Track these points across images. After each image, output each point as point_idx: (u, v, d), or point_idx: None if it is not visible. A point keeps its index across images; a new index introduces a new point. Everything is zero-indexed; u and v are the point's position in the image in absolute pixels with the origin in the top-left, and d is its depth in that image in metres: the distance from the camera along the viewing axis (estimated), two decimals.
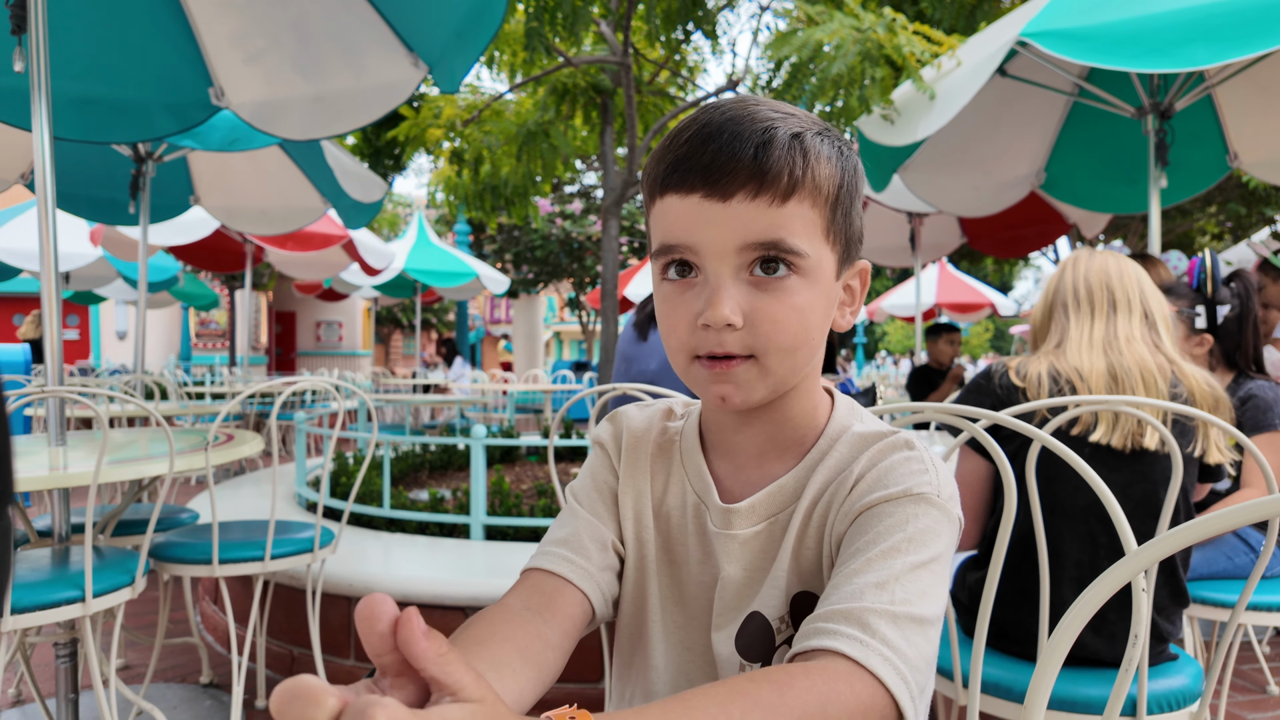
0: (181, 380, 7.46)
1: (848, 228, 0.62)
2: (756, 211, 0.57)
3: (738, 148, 0.57)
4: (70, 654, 1.92)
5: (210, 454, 1.94)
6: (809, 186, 0.58)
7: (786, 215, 0.58)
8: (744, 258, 0.59)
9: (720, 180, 0.57)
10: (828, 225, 0.60)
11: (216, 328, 15.33)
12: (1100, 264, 1.48)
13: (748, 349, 0.59)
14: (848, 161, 0.62)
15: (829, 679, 0.47)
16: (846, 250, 0.63)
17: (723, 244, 0.58)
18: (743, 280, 0.59)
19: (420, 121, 4.72)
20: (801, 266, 0.59)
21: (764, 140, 0.57)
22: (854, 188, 0.62)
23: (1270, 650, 2.73)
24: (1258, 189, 6.03)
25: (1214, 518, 0.51)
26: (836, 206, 0.61)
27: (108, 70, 2.89)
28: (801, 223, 0.58)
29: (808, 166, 0.58)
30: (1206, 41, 2.19)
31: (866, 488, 0.60)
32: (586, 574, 0.67)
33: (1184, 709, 1.26)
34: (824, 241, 0.60)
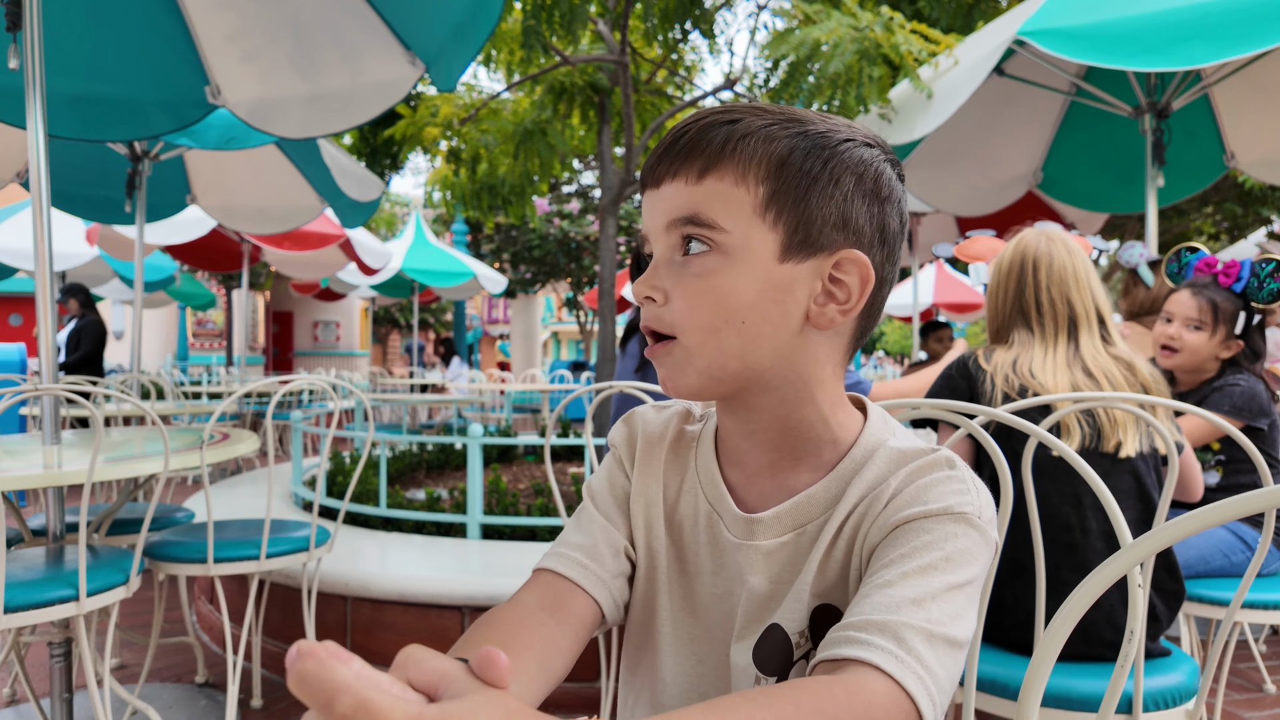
0: (178, 380, 7.45)
1: (804, 209, 0.59)
2: (675, 190, 0.60)
3: (667, 141, 0.61)
4: (65, 653, 1.92)
5: (205, 453, 1.93)
6: (729, 163, 0.59)
7: (703, 192, 0.59)
8: (671, 237, 0.61)
9: (653, 170, 0.62)
10: (763, 203, 0.58)
11: (213, 327, 15.30)
12: (1059, 274, 1.49)
13: (667, 327, 0.61)
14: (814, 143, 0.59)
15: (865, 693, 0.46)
16: (804, 234, 0.59)
17: (655, 226, 0.62)
18: (675, 261, 0.61)
19: (417, 120, 4.72)
20: (722, 244, 0.59)
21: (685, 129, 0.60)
22: (816, 168, 0.59)
23: (1267, 649, 2.73)
24: (1254, 189, 6.04)
25: (1210, 510, 0.50)
26: (778, 184, 0.58)
27: (103, 68, 2.88)
28: (721, 200, 0.59)
29: (729, 144, 0.59)
30: (1203, 40, 2.20)
31: (904, 502, 0.58)
32: (599, 580, 0.66)
33: (1180, 706, 1.25)
34: (756, 219, 0.59)
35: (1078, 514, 1.37)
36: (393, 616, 2.40)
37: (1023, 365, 1.45)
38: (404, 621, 2.39)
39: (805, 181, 0.59)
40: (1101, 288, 1.50)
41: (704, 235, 0.59)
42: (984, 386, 1.46)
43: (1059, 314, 1.47)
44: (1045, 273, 1.49)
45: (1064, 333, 1.47)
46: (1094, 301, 1.48)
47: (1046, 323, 1.48)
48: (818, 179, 0.59)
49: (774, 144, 0.59)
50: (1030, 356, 1.46)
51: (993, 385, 1.44)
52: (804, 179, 0.59)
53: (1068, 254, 1.50)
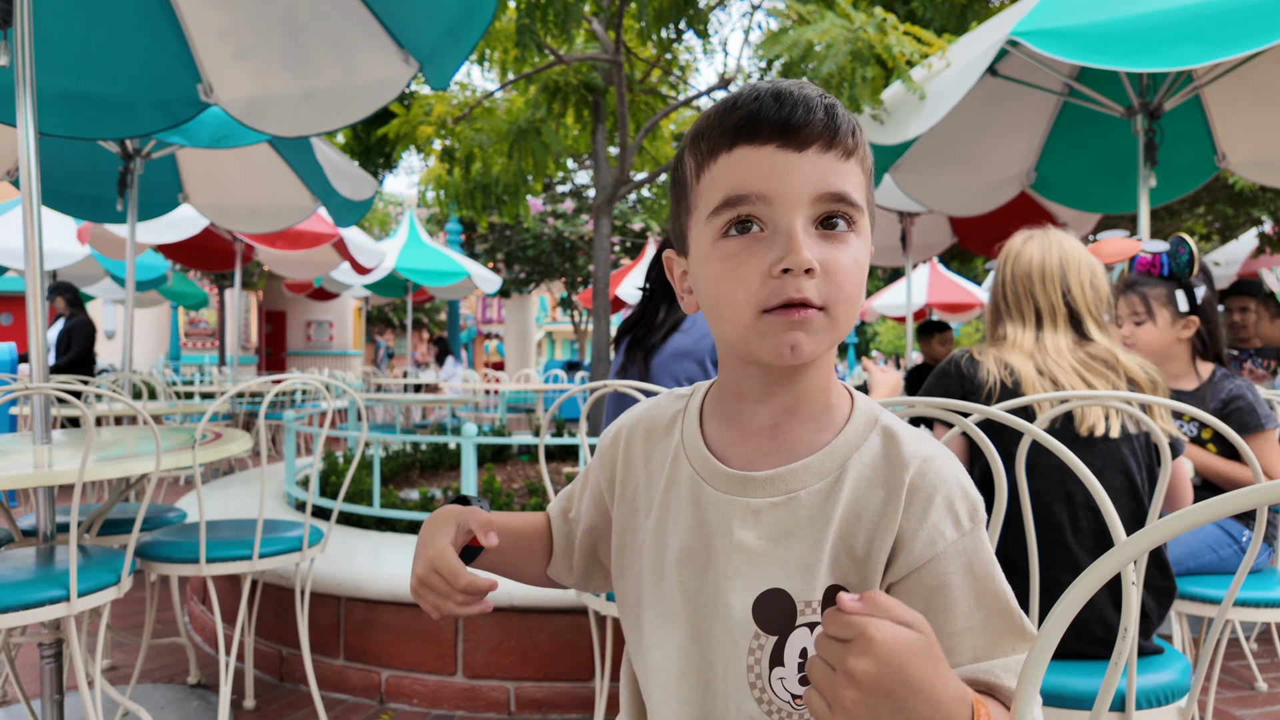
0: (170, 380, 7.41)
1: (871, 201, 0.67)
2: (828, 163, 0.62)
3: (812, 106, 0.62)
4: (55, 654, 1.91)
5: (197, 452, 1.92)
6: (860, 152, 0.64)
7: (849, 171, 0.63)
8: (815, 208, 0.62)
9: (798, 132, 0.61)
10: (869, 193, 0.66)
11: (206, 327, 15.23)
12: (1025, 266, 1.53)
13: (823, 299, 0.62)
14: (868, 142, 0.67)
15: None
16: (872, 222, 0.67)
17: (797, 192, 0.61)
18: (812, 234, 0.62)
19: (411, 119, 4.70)
20: (858, 223, 0.64)
21: (830, 104, 0.63)
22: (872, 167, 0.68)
23: (1258, 647, 2.75)
24: (1244, 190, 6.07)
25: (1203, 506, 0.50)
26: (870, 179, 0.66)
27: (94, 65, 2.86)
28: (858, 182, 0.64)
29: (859, 134, 0.64)
30: (1195, 41, 2.21)
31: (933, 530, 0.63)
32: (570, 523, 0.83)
33: (1172, 704, 1.26)
34: (867, 205, 0.65)
35: (1069, 512, 1.37)
36: (386, 617, 2.40)
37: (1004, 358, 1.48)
38: (397, 622, 2.39)
39: (870, 176, 0.67)
40: (1087, 286, 1.51)
41: (851, 215, 0.63)
42: (981, 378, 1.47)
43: (1024, 310, 1.51)
44: (1012, 269, 1.54)
45: (1030, 327, 1.50)
46: (1065, 298, 1.50)
47: (1015, 317, 1.52)
48: (873, 175, 0.68)
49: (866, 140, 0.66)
50: (1009, 349, 1.50)
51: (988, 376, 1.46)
52: (871, 174, 0.67)
53: (1042, 250, 1.53)
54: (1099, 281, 1.53)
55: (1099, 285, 1.52)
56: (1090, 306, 1.50)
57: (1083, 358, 1.44)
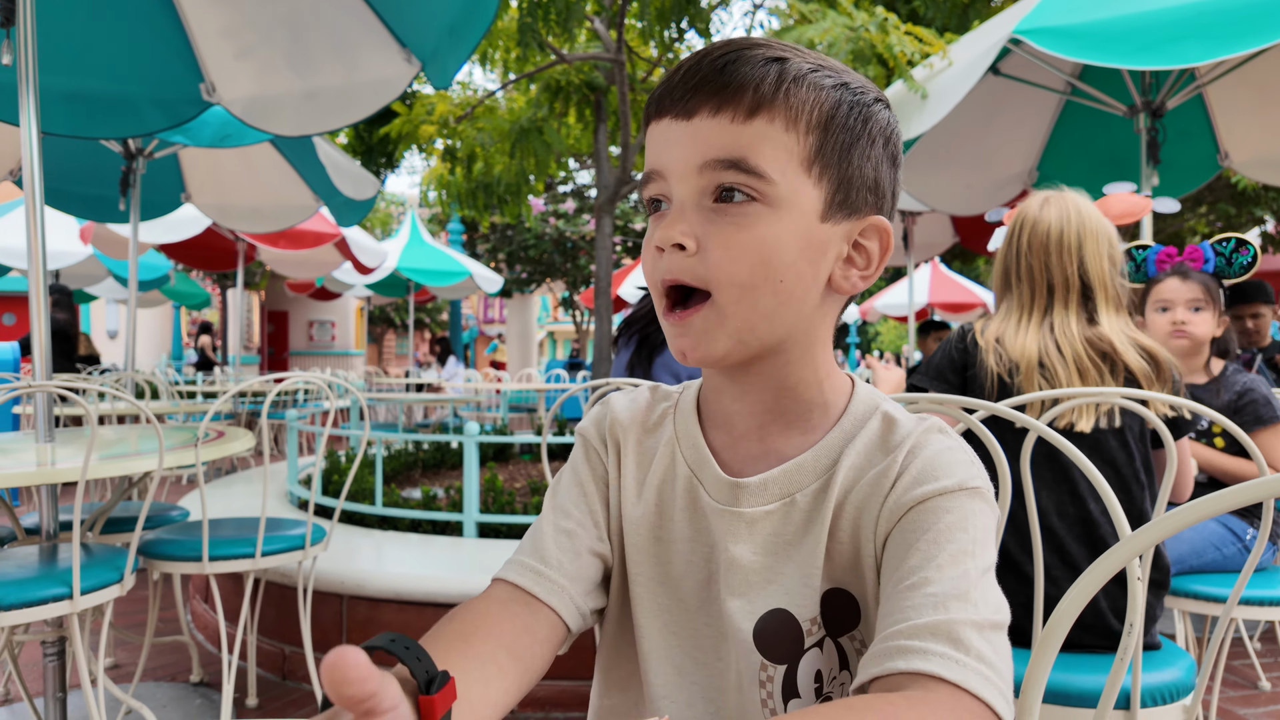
0: (172, 379, 7.42)
1: (845, 166, 0.56)
2: (718, 128, 0.54)
3: (704, 65, 0.55)
4: (58, 652, 1.91)
5: (200, 450, 1.92)
6: (781, 106, 0.54)
7: (752, 133, 0.54)
8: (706, 179, 0.55)
9: (685, 98, 0.55)
10: (810, 155, 0.55)
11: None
12: (1042, 235, 1.42)
13: (700, 280, 0.55)
14: (853, 95, 0.56)
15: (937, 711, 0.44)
16: (844, 194, 0.56)
17: (684, 163, 0.55)
18: (705, 207, 0.55)
19: (413, 118, 4.71)
20: (768, 194, 0.54)
21: (732, 59, 0.54)
22: (860, 125, 0.56)
23: (1262, 646, 2.74)
24: (1247, 189, 6.07)
25: (1209, 500, 0.50)
26: (826, 135, 0.55)
27: (97, 64, 2.87)
28: (770, 145, 0.54)
29: (781, 85, 0.54)
30: (1198, 39, 2.20)
31: (913, 479, 0.55)
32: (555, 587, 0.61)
33: (1177, 702, 1.26)
34: (802, 172, 0.55)
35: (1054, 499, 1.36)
36: (389, 615, 2.40)
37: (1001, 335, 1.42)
38: (400, 620, 2.39)
39: (850, 139, 0.56)
40: (1104, 257, 1.41)
41: (749, 184, 0.54)
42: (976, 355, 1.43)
43: (1036, 282, 1.42)
44: (1028, 238, 1.44)
45: (1040, 302, 1.42)
46: (1080, 270, 1.40)
47: (1024, 289, 1.44)
48: (859, 137, 0.56)
49: (823, 93, 0.55)
50: (1006, 327, 1.43)
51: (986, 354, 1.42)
52: (849, 136, 0.56)
53: (1060, 216, 1.43)
54: (1115, 251, 1.43)
55: (1115, 256, 1.42)
56: (1105, 280, 1.40)
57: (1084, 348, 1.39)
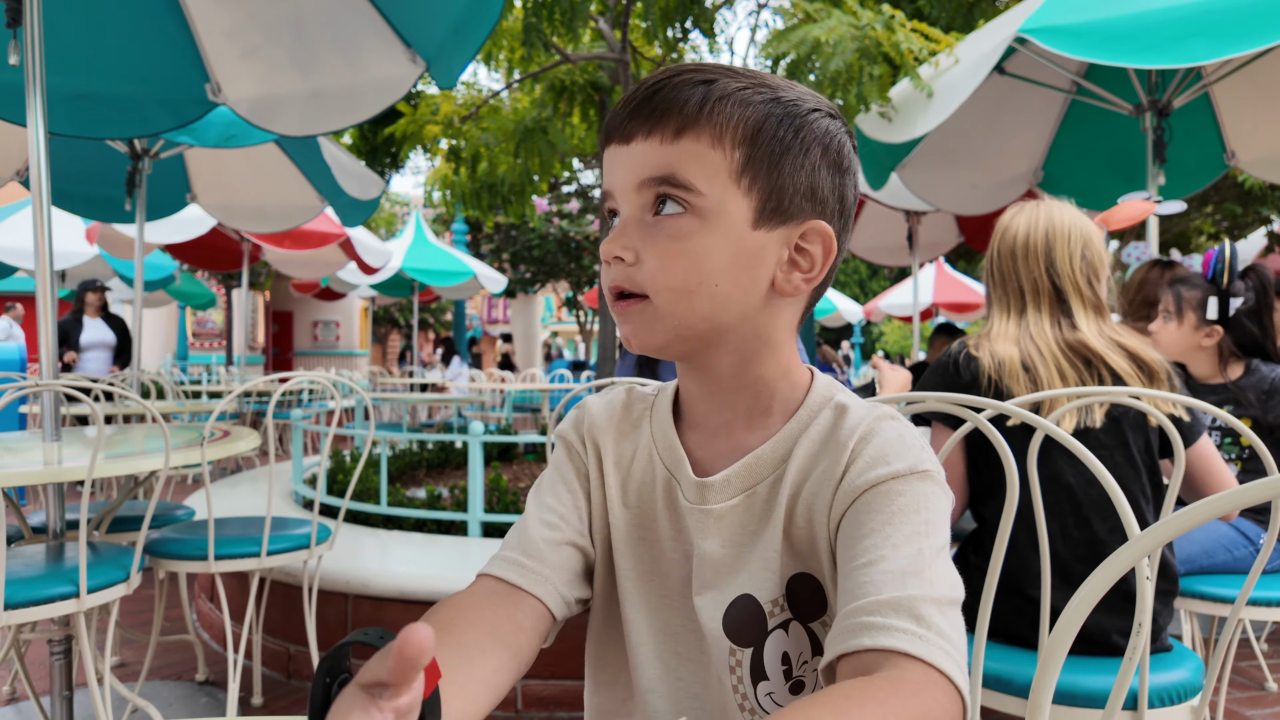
0: (178, 379, 7.44)
1: (776, 176, 0.59)
2: (650, 149, 0.59)
3: (639, 94, 0.60)
4: (65, 651, 1.91)
5: (206, 450, 1.93)
6: (706, 125, 0.58)
7: (679, 151, 0.58)
8: (643, 196, 0.60)
9: (624, 125, 0.60)
10: (739, 167, 0.59)
11: (214, 327, 15.29)
12: (1009, 241, 1.46)
13: (639, 286, 0.60)
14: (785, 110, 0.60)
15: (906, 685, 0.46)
16: (775, 202, 0.60)
17: (625, 183, 0.61)
18: (645, 221, 0.60)
19: (418, 118, 4.71)
20: (698, 206, 0.58)
21: (662, 85, 0.59)
22: (789, 136, 0.59)
23: (1268, 647, 2.73)
24: (1254, 189, 6.04)
25: (1213, 500, 0.50)
26: (753, 148, 0.59)
27: (103, 65, 2.88)
28: (698, 162, 0.58)
29: (706, 106, 0.58)
30: (1205, 37, 2.19)
31: (867, 464, 0.58)
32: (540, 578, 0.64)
33: (1185, 703, 1.25)
34: (731, 184, 0.59)
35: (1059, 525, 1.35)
36: (393, 614, 2.40)
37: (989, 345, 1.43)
38: (405, 619, 2.38)
39: (779, 149, 0.59)
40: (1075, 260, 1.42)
41: (680, 196, 0.58)
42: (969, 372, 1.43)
43: (1009, 288, 1.45)
44: (998, 245, 1.48)
45: (1014, 308, 1.44)
46: (1049, 275, 1.42)
47: (1000, 296, 1.47)
48: (790, 148, 0.60)
49: (750, 109, 0.59)
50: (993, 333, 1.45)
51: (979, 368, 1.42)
52: (778, 146, 0.59)
53: (1029, 224, 1.45)
54: (1092, 253, 1.43)
55: (1091, 257, 1.43)
56: (1078, 282, 1.42)
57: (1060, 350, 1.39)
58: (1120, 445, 1.37)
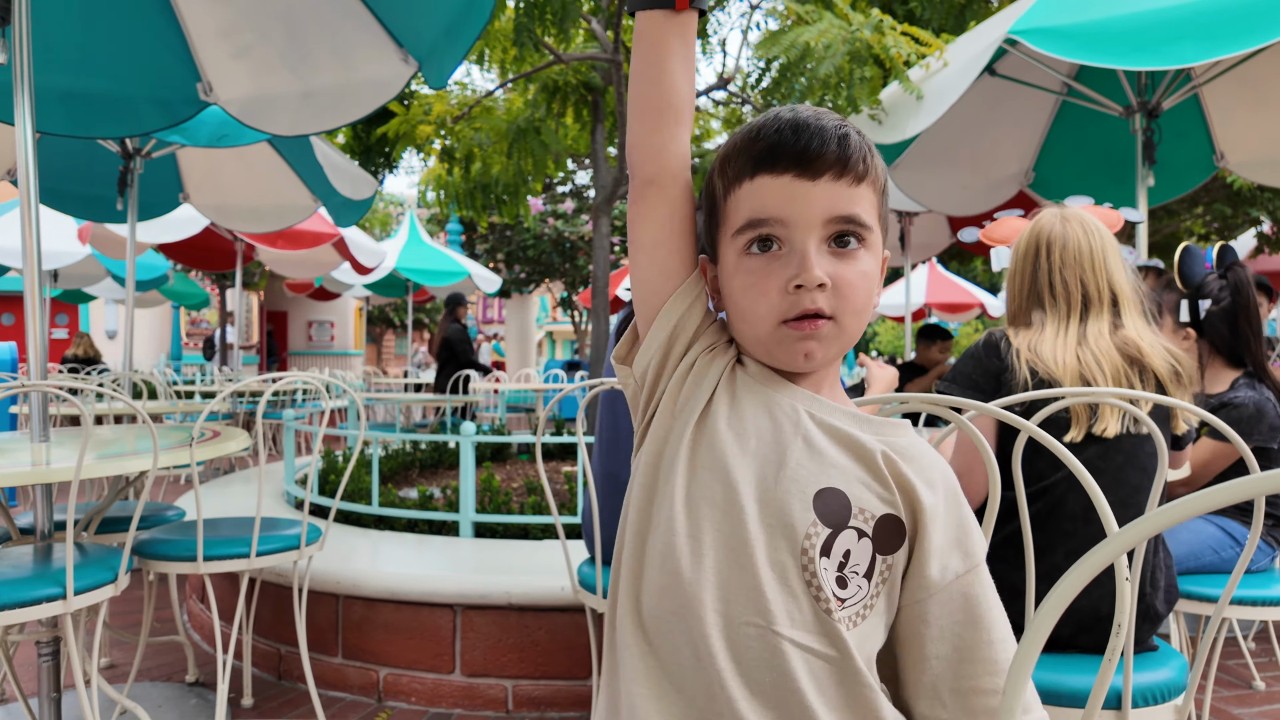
0: (171, 380, 7.41)
1: (887, 218, 0.76)
2: (839, 190, 0.70)
3: (826, 138, 0.69)
4: (53, 652, 1.91)
5: (195, 450, 1.92)
6: (871, 175, 0.72)
7: (859, 195, 0.71)
8: (827, 230, 0.70)
9: (812, 163, 0.69)
10: (881, 210, 0.74)
11: (207, 327, 15.23)
12: (1074, 253, 1.48)
13: (831, 309, 0.70)
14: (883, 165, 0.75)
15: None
16: (886, 238, 0.76)
17: (811, 216, 0.69)
18: (824, 252, 0.70)
19: (410, 118, 4.70)
20: (868, 240, 0.72)
21: (843, 134, 0.70)
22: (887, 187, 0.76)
23: (1256, 646, 2.75)
24: (1243, 190, 6.07)
25: (1198, 497, 0.50)
26: (884, 196, 0.75)
27: (93, 64, 2.87)
28: (868, 204, 0.71)
29: (871, 159, 0.72)
30: (1194, 39, 2.20)
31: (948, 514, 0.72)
32: None
33: (1169, 702, 1.26)
34: (879, 223, 0.74)
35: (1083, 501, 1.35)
36: (384, 615, 2.40)
37: (1035, 347, 1.45)
38: (396, 619, 2.39)
39: (887, 198, 0.76)
40: (1121, 266, 1.48)
41: (860, 234, 0.71)
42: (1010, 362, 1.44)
43: (1072, 296, 1.47)
44: (1059, 255, 1.48)
45: (1075, 315, 1.46)
46: (1109, 282, 1.47)
47: (1060, 304, 1.48)
48: (887, 195, 0.76)
49: (878, 162, 0.73)
50: (1042, 338, 1.46)
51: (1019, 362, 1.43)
52: (887, 196, 0.76)
53: (1084, 233, 1.49)
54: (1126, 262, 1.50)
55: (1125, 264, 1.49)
56: (1130, 290, 1.47)
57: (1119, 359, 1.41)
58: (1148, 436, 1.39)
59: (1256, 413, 1.96)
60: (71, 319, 13.23)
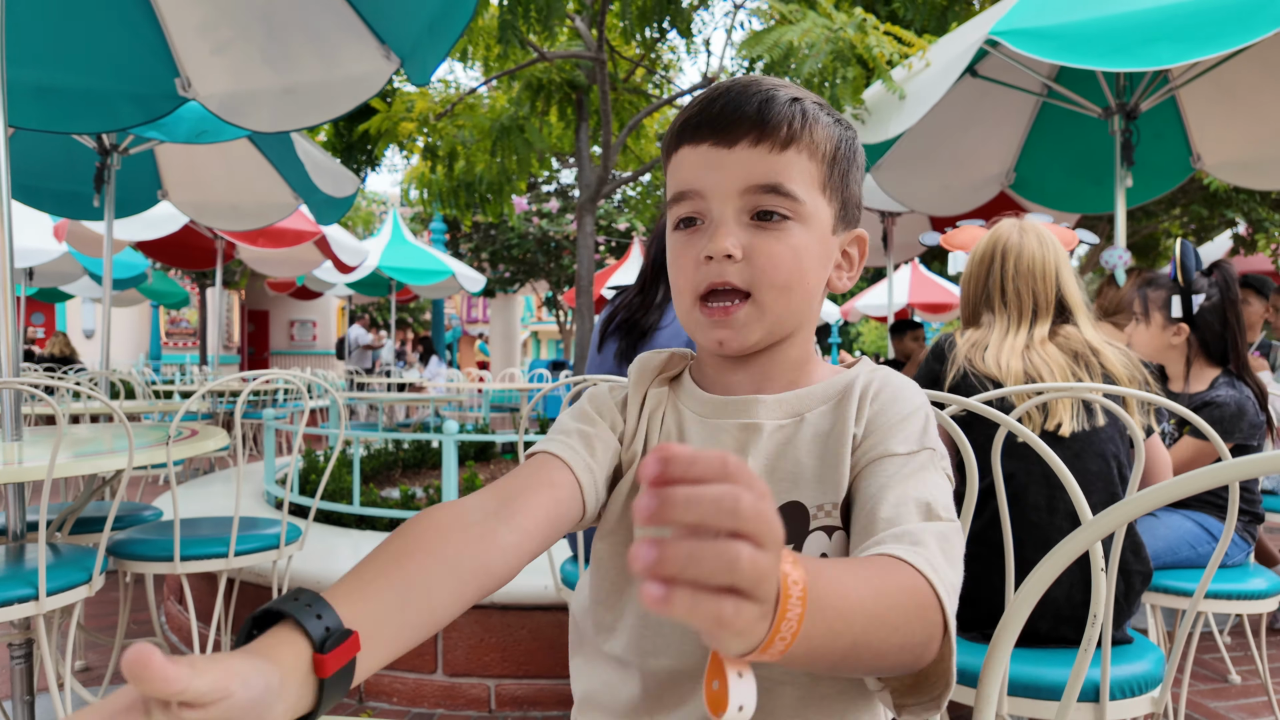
0: (149, 379, 7.32)
1: (845, 189, 0.69)
2: (758, 157, 0.64)
3: (743, 103, 0.65)
4: (25, 655, 1.87)
5: (172, 449, 1.90)
6: (806, 141, 0.65)
7: (785, 162, 0.64)
8: (746, 200, 0.65)
9: (727, 129, 0.64)
10: (824, 180, 0.67)
11: (187, 326, 15.07)
12: (1028, 263, 1.54)
13: (746, 284, 0.65)
14: (845, 131, 0.69)
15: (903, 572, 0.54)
16: (844, 211, 0.69)
17: (727, 186, 0.65)
18: (744, 223, 0.65)
19: (393, 115, 4.67)
20: (798, 212, 0.65)
21: (766, 98, 0.65)
22: (851, 155, 0.69)
23: (1231, 640, 2.78)
24: (1218, 191, 6.16)
25: (1172, 484, 0.51)
26: (834, 165, 0.67)
27: (69, 58, 2.82)
28: (799, 171, 0.65)
29: (805, 124, 0.65)
30: (1171, 41, 2.23)
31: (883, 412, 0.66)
32: (586, 466, 0.68)
33: (1145, 694, 1.27)
34: (820, 194, 0.67)
35: (1046, 493, 1.39)
36: None
37: (979, 349, 1.51)
38: None
39: (847, 166, 0.69)
40: (1073, 278, 1.55)
41: (785, 206, 0.65)
42: (947, 368, 1.50)
43: (1023, 303, 1.53)
44: (1014, 264, 1.55)
45: (1025, 321, 1.52)
46: (1058, 293, 1.53)
47: (1010, 310, 1.54)
48: (853, 165, 0.70)
49: (831, 130, 0.67)
50: (988, 340, 1.52)
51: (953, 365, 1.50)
52: (847, 164, 0.69)
53: (1039, 246, 1.55)
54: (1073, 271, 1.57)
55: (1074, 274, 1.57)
56: (1079, 300, 1.54)
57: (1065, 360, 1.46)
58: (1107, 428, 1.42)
59: (1238, 411, 1.99)
60: (48, 318, 13.04)
